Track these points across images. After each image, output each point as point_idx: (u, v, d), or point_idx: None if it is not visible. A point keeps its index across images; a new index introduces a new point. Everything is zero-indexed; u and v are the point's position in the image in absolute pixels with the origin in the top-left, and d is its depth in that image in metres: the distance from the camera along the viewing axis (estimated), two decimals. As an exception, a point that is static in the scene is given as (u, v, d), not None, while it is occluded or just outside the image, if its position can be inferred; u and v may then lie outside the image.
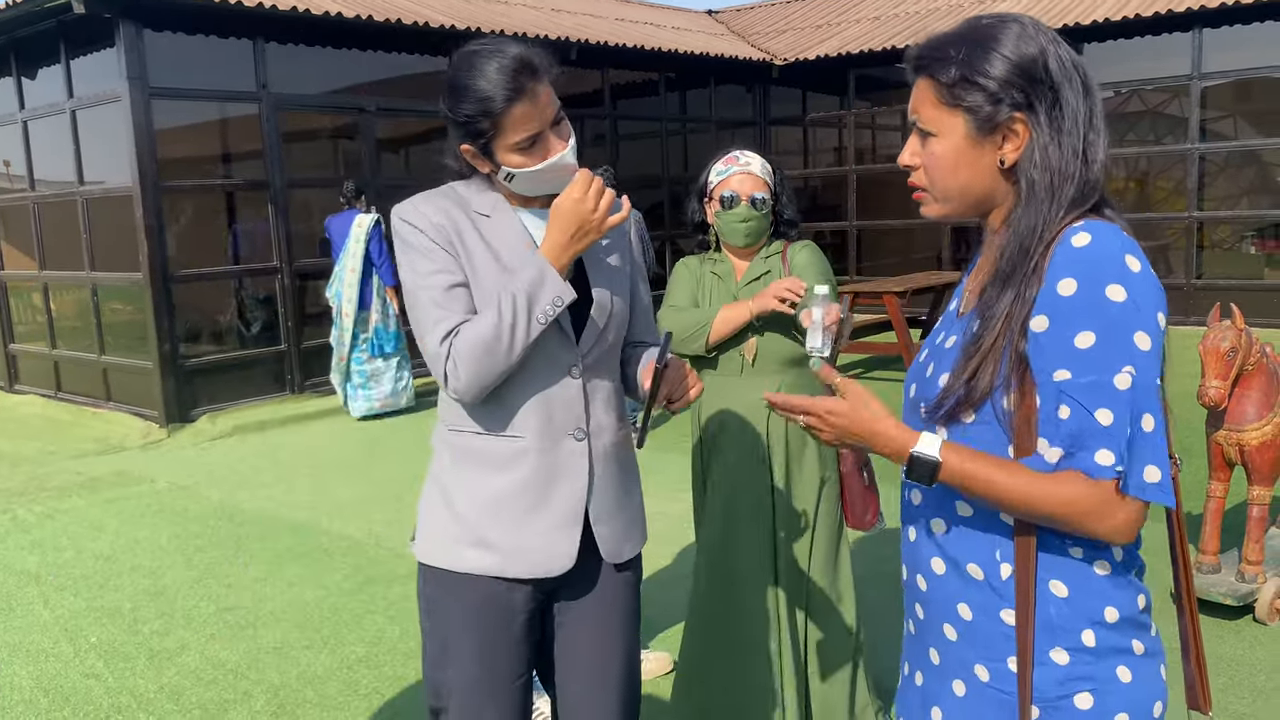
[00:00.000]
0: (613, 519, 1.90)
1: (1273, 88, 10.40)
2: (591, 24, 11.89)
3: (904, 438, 1.31)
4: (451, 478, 1.85)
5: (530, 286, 1.72)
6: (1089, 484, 1.22)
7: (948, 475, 1.28)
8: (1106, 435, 1.21)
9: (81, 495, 6.08)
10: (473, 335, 1.72)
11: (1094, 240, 1.25)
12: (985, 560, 1.34)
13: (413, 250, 1.80)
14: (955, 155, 1.33)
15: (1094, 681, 1.29)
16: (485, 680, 1.84)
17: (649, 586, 4.26)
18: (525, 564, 1.82)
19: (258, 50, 8.29)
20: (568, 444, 1.84)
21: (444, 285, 1.77)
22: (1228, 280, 10.55)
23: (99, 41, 7.85)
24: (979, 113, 1.30)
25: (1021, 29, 1.30)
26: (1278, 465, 3.70)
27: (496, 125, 1.73)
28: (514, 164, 1.76)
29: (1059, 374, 1.23)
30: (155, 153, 7.74)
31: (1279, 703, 3.12)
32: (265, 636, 3.93)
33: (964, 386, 1.29)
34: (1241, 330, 3.56)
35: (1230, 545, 4.03)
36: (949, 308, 1.50)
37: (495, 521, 1.81)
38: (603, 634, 1.92)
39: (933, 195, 1.38)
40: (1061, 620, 1.29)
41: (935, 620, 1.41)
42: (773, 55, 13.07)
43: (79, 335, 9.01)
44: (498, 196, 1.85)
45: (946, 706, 1.39)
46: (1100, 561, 1.31)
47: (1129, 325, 1.21)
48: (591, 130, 11.86)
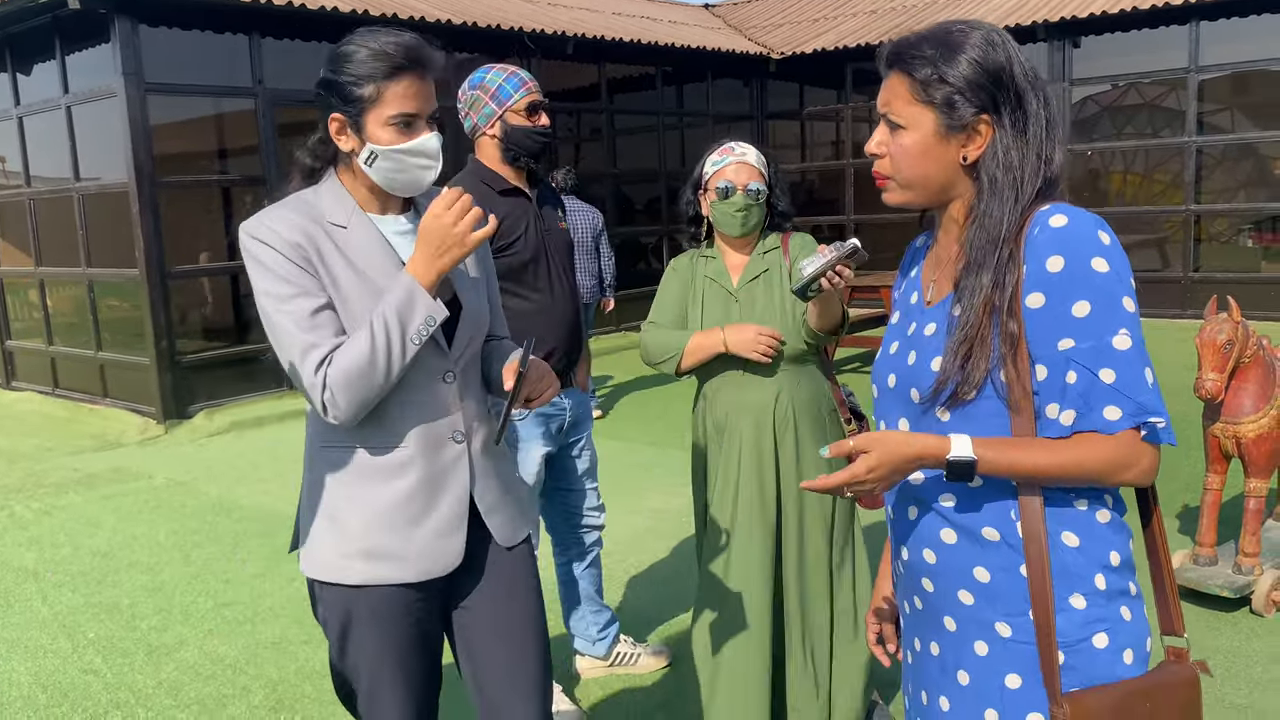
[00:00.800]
0: (502, 508, 1.95)
1: (1270, 80, 10.39)
2: (588, 18, 11.87)
3: (939, 446, 1.36)
4: (333, 493, 1.84)
5: (400, 307, 1.71)
6: (1111, 439, 1.33)
7: (985, 469, 1.36)
8: (1113, 392, 1.32)
9: (79, 491, 6.07)
10: (347, 363, 1.70)
11: (1071, 220, 1.36)
12: (1000, 521, 1.41)
13: (269, 273, 1.72)
14: (922, 148, 1.42)
15: (1106, 622, 1.39)
16: (386, 674, 1.87)
17: (647, 583, 4.26)
18: (417, 568, 1.84)
19: (253, 45, 8.27)
20: (449, 448, 1.85)
21: (308, 310, 1.72)
22: (1225, 273, 10.55)
23: (94, 37, 7.83)
24: (949, 110, 1.40)
25: (988, 37, 1.41)
26: (1274, 457, 3.71)
27: (379, 92, 1.72)
28: (382, 140, 1.74)
29: (1063, 343, 1.34)
30: (151, 148, 7.73)
31: (1276, 694, 3.13)
32: (263, 632, 3.93)
33: (959, 372, 1.38)
34: (1238, 323, 3.56)
35: (1227, 538, 4.04)
36: (908, 300, 1.58)
37: (384, 531, 1.82)
38: (507, 605, 1.96)
39: (896, 183, 1.47)
40: (1076, 568, 1.39)
41: (948, 590, 1.47)
42: (770, 49, 13.05)
43: (76, 331, 9.00)
44: (352, 204, 1.82)
45: (970, 666, 1.45)
46: (1101, 510, 1.42)
47: (1116, 292, 1.34)
48: (588, 124, 11.85)
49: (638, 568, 4.43)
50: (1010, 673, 1.41)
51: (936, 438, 1.38)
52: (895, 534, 1.56)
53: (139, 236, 7.73)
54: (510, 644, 1.97)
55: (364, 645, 1.86)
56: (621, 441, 6.69)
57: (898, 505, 1.54)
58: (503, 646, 1.96)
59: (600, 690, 3.36)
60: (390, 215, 1.87)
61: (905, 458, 1.37)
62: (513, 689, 1.96)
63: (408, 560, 1.83)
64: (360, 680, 1.89)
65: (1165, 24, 10.41)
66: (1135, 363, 1.32)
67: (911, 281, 1.59)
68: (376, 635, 1.85)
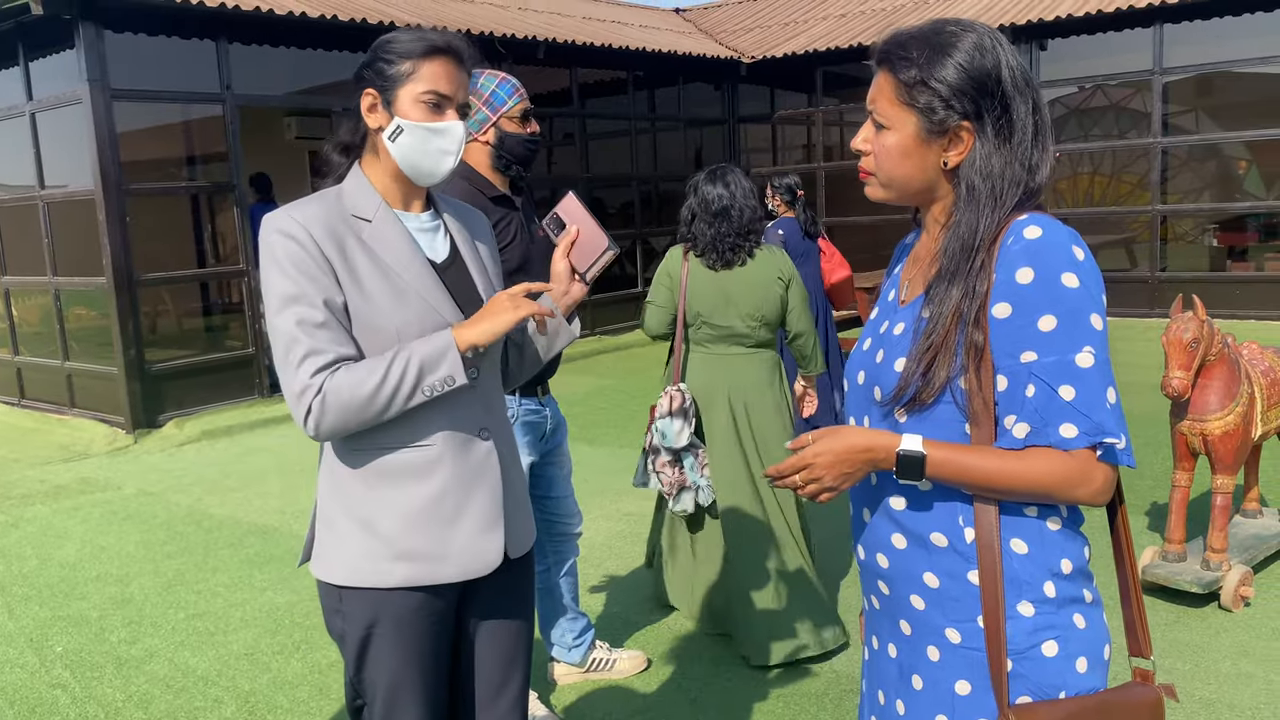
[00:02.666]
0: (516, 513, 1.93)
1: (1233, 82, 10.55)
2: (559, 22, 11.87)
3: (889, 441, 1.38)
4: (362, 496, 1.81)
5: (428, 358, 1.71)
6: (1065, 455, 1.32)
7: (934, 468, 1.36)
8: (1071, 410, 1.31)
9: (46, 503, 5.99)
10: (350, 388, 1.69)
11: (1045, 233, 1.35)
12: (948, 527, 1.41)
13: (280, 269, 1.71)
14: (903, 150, 1.41)
15: (1056, 629, 1.38)
16: (409, 681, 1.85)
17: (621, 587, 4.26)
18: (455, 567, 1.82)
19: (221, 51, 8.20)
20: (477, 445, 1.85)
21: (314, 314, 1.70)
22: (1191, 273, 10.70)
23: (58, 43, 7.73)
24: (930, 115, 1.38)
25: (979, 40, 1.38)
26: (1240, 454, 3.76)
27: (415, 68, 1.75)
28: (411, 116, 1.75)
29: (1025, 355, 1.33)
30: (118, 155, 7.64)
31: (1244, 688, 3.17)
32: (235, 642, 3.89)
33: (920, 379, 1.38)
34: (1204, 321, 3.60)
35: (1195, 534, 4.09)
36: (886, 297, 1.58)
37: (421, 532, 1.80)
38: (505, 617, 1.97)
39: (878, 180, 1.46)
40: (1025, 575, 1.38)
41: (901, 594, 1.47)
42: (741, 53, 13.10)
43: (42, 341, 8.87)
44: (378, 198, 1.82)
45: (923, 672, 1.46)
46: (1052, 518, 1.41)
47: (1084, 308, 1.32)
48: (560, 129, 11.84)
49: (613, 572, 4.43)
50: (960, 679, 1.41)
51: (889, 434, 1.39)
52: (855, 535, 1.57)
53: (106, 245, 7.64)
54: (501, 658, 1.96)
55: (386, 653, 1.83)
56: (595, 446, 6.68)
57: (854, 506, 1.56)
58: (493, 659, 1.96)
59: (575, 694, 3.35)
60: (413, 212, 1.87)
61: (854, 447, 1.38)
62: (494, 704, 1.96)
63: (448, 559, 1.81)
64: (378, 690, 1.85)
65: (1130, 26, 10.54)
66: (1096, 381, 1.31)
67: (893, 279, 1.60)
68: (399, 642, 1.82)
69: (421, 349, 1.72)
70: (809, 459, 1.39)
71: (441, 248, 1.88)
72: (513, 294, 1.76)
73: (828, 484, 1.40)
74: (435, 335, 1.75)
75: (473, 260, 1.92)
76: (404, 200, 1.86)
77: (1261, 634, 3.52)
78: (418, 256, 1.81)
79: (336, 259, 1.74)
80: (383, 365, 1.70)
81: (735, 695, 3.30)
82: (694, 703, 3.26)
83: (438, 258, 1.86)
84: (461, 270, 1.89)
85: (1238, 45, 10.15)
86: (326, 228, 1.74)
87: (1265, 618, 3.64)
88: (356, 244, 1.77)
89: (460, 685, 1.97)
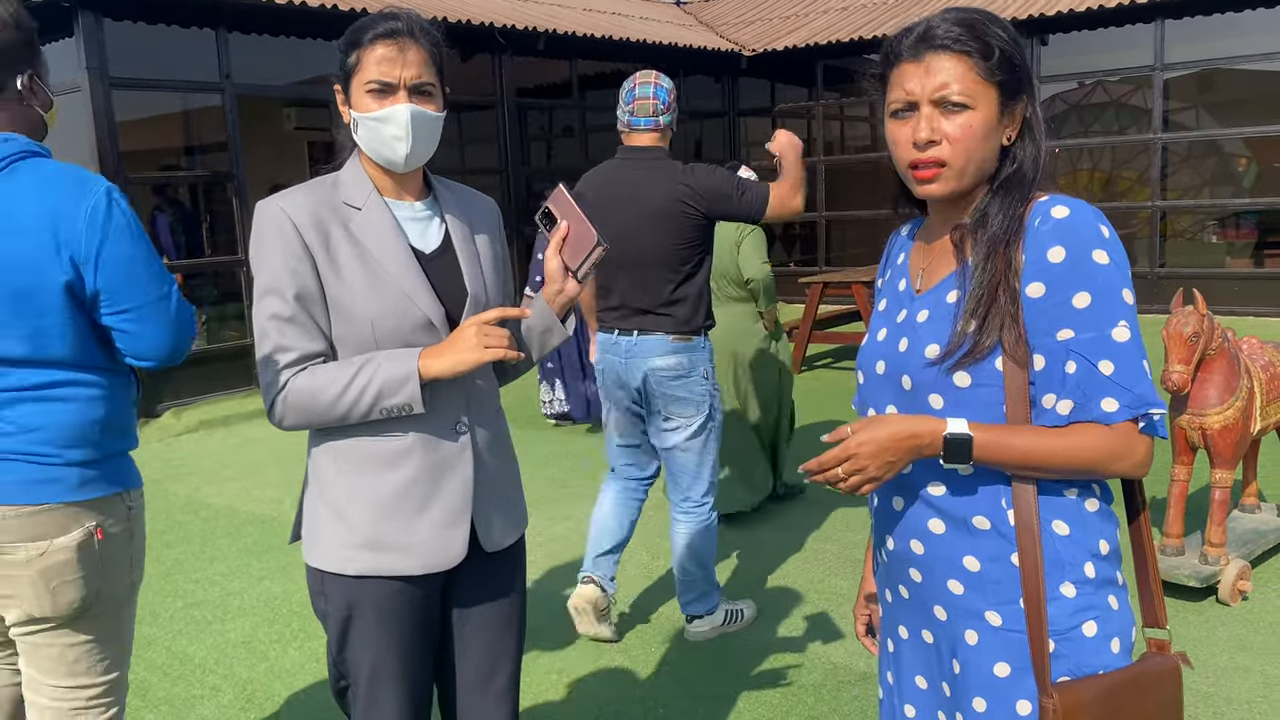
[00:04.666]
0: (494, 509, 1.91)
1: (1233, 79, 10.54)
2: (559, 13, 11.84)
3: (934, 425, 1.36)
4: (335, 482, 1.83)
5: (390, 381, 1.72)
6: (1107, 430, 1.34)
7: (981, 450, 1.35)
8: (1110, 384, 1.33)
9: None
10: (311, 393, 1.73)
11: (1073, 211, 1.37)
12: (991, 510, 1.41)
13: (262, 254, 1.76)
14: (987, 128, 1.40)
15: (1095, 610, 1.40)
16: (390, 666, 1.85)
17: (622, 581, 4.25)
18: (418, 561, 1.82)
19: (220, 40, 8.18)
20: (451, 439, 1.83)
21: (286, 312, 1.74)
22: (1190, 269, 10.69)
23: (57, 31, 7.71)
24: (1007, 89, 1.39)
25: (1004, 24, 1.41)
26: (1239, 449, 3.76)
27: (359, 59, 1.75)
28: (361, 107, 1.76)
29: (1062, 333, 1.35)
30: (117, 144, 7.62)
31: (1241, 681, 3.17)
32: (233, 631, 3.89)
33: (976, 333, 1.37)
34: (1204, 315, 3.60)
35: (1194, 528, 4.09)
36: (895, 287, 1.56)
37: (385, 522, 1.81)
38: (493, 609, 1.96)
39: (952, 170, 1.40)
40: (1067, 556, 1.40)
41: (938, 579, 1.46)
42: (741, 46, 13.08)
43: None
44: (370, 186, 1.82)
45: (963, 656, 1.45)
46: (1090, 499, 1.42)
47: (1117, 285, 1.34)
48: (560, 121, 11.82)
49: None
50: (999, 661, 1.41)
51: (932, 419, 1.37)
52: (880, 525, 1.55)
53: (104, 233, 7.61)
54: (489, 649, 1.96)
55: (366, 639, 1.83)
56: (591, 438, 6.68)
57: (882, 496, 1.53)
58: (483, 651, 1.95)
59: (570, 686, 3.35)
60: (406, 200, 1.86)
61: (898, 434, 1.36)
62: (483, 695, 1.96)
63: (411, 551, 1.81)
64: (360, 675, 1.85)
65: (1131, 22, 10.53)
66: (1133, 355, 1.33)
67: (899, 269, 1.58)
68: (379, 629, 1.83)
69: (386, 370, 1.72)
70: (852, 449, 1.36)
71: (434, 237, 1.87)
72: (482, 325, 1.72)
73: (872, 474, 1.37)
74: (403, 356, 1.73)
75: (466, 250, 1.89)
76: (396, 189, 1.85)
77: (1259, 628, 3.52)
78: (401, 246, 1.80)
79: (318, 247, 1.75)
80: (346, 377, 1.72)
81: (732, 686, 3.30)
82: (691, 693, 3.26)
83: (428, 247, 1.85)
84: (450, 261, 1.86)
85: (1239, 41, 10.14)
86: (311, 215, 1.76)
87: (1263, 612, 3.64)
88: (342, 232, 1.77)
89: (449, 674, 1.97)
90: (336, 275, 1.76)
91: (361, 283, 1.76)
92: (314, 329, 1.76)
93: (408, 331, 1.78)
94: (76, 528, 1.91)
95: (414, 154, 1.78)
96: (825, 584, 4.08)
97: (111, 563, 1.98)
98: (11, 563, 1.88)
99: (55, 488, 1.89)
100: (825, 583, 4.09)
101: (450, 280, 1.84)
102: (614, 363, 3.45)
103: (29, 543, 1.88)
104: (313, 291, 1.75)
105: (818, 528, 4.74)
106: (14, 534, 1.87)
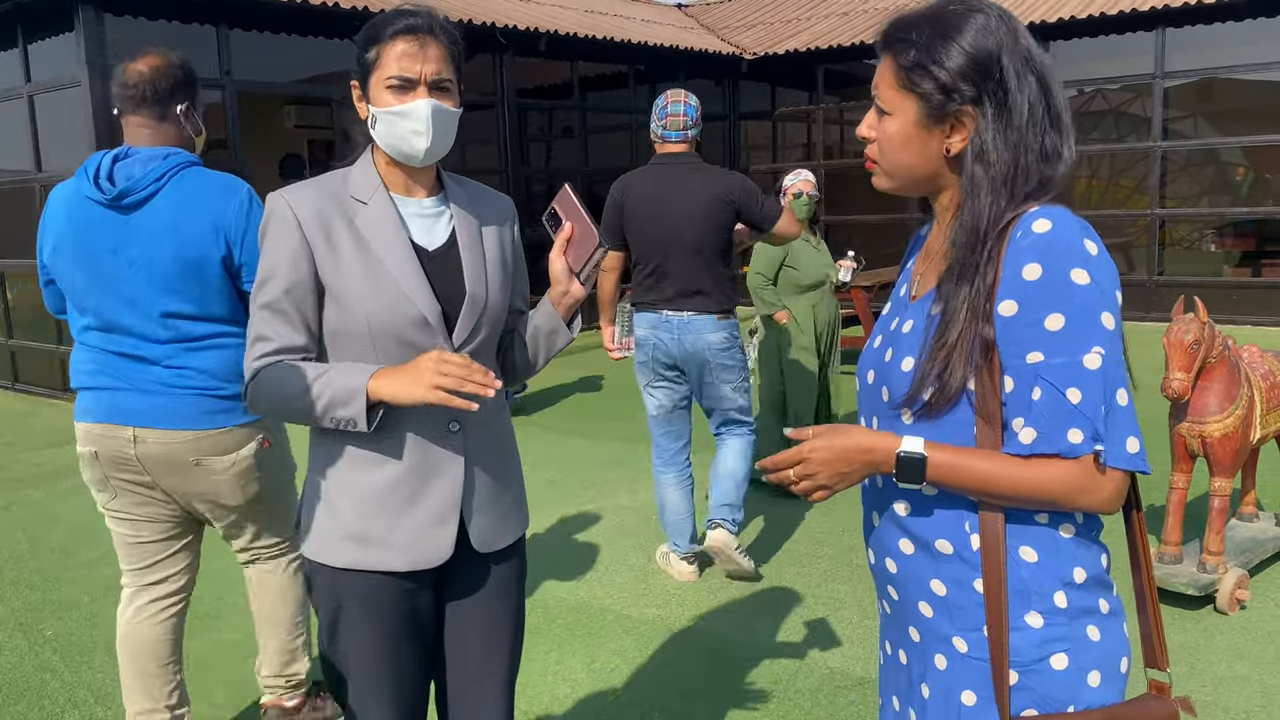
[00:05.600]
0: (488, 510, 1.90)
1: (1233, 88, 10.56)
2: (561, 15, 11.84)
3: (889, 442, 1.33)
4: (328, 476, 1.84)
5: (340, 395, 1.71)
6: (1071, 463, 1.27)
7: (935, 472, 1.30)
8: (1077, 414, 1.25)
9: (38, 487, 5.96)
10: (274, 387, 1.76)
11: (1055, 226, 1.28)
12: (954, 534, 1.36)
13: (264, 243, 1.81)
14: (904, 137, 1.36)
15: (1068, 642, 1.33)
16: (376, 662, 1.85)
17: (616, 580, 4.24)
18: (404, 558, 1.82)
19: (221, 36, 8.17)
20: (443, 437, 1.82)
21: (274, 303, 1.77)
22: (1189, 277, 10.71)
23: (57, 25, 7.69)
24: (930, 100, 1.32)
25: (986, 20, 1.31)
26: (1239, 457, 3.75)
27: (379, 54, 1.76)
28: (380, 102, 1.76)
29: (1031, 356, 1.27)
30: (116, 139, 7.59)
31: (1239, 690, 3.17)
32: (227, 629, 3.87)
33: (937, 381, 1.31)
34: (1205, 323, 3.60)
35: (1192, 536, 4.08)
36: (898, 292, 1.52)
37: (373, 517, 1.81)
38: (489, 608, 1.94)
39: (881, 168, 1.41)
40: (1034, 584, 1.33)
41: (910, 600, 1.43)
42: (742, 49, 13.09)
43: (37, 326, 8.83)
44: (378, 181, 1.83)
45: (931, 680, 1.41)
46: (1065, 525, 1.35)
47: (1095, 307, 1.26)
48: (561, 122, 11.83)
49: (608, 566, 4.41)
50: (966, 689, 1.36)
51: (892, 435, 1.33)
52: (865, 536, 1.53)
53: (102, 229, 7.59)
54: (486, 649, 1.95)
55: (354, 631, 1.83)
56: (590, 439, 6.67)
57: (865, 510, 1.51)
58: (477, 650, 1.94)
59: (567, 686, 3.34)
60: (415, 197, 1.86)
61: (855, 447, 1.33)
62: (481, 695, 1.95)
63: (395, 548, 1.81)
64: (350, 667, 1.86)
65: (1132, 30, 10.54)
66: (1105, 384, 1.25)
67: (906, 273, 1.54)
68: (366, 621, 1.83)
69: (339, 382, 1.72)
70: (805, 454, 1.33)
71: (440, 234, 1.86)
72: (442, 359, 1.65)
73: (821, 481, 1.34)
74: (358, 372, 1.72)
75: (472, 248, 1.88)
76: (405, 185, 1.85)
77: (1256, 637, 3.51)
78: (402, 242, 1.80)
79: (319, 240, 1.77)
80: (307, 379, 1.74)
81: (729, 690, 3.29)
82: (687, 696, 3.25)
83: (433, 244, 1.85)
84: (453, 259, 1.85)
85: (1239, 51, 10.15)
86: (314, 208, 1.78)
87: (1260, 621, 3.63)
88: (346, 226, 1.78)
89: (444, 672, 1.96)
90: (336, 268, 1.77)
91: (360, 277, 1.76)
92: (299, 323, 1.78)
93: (403, 327, 1.78)
94: (251, 441, 2.67)
95: (433, 148, 1.79)
96: (822, 589, 4.06)
97: (278, 461, 2.80)
98: (213, 469, 2.63)
99: (231, 414, 2.62)
100: (822, 587, 4.08)
101: (451, 278, 1.84)
102: (664, 338, 3.96)
103: (224, 455, 2.63)
104: (306, 285, 1.77)
105: (814, 532, 4.73)
106: (212, 450, 2.61)
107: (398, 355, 1.78)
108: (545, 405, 7.83)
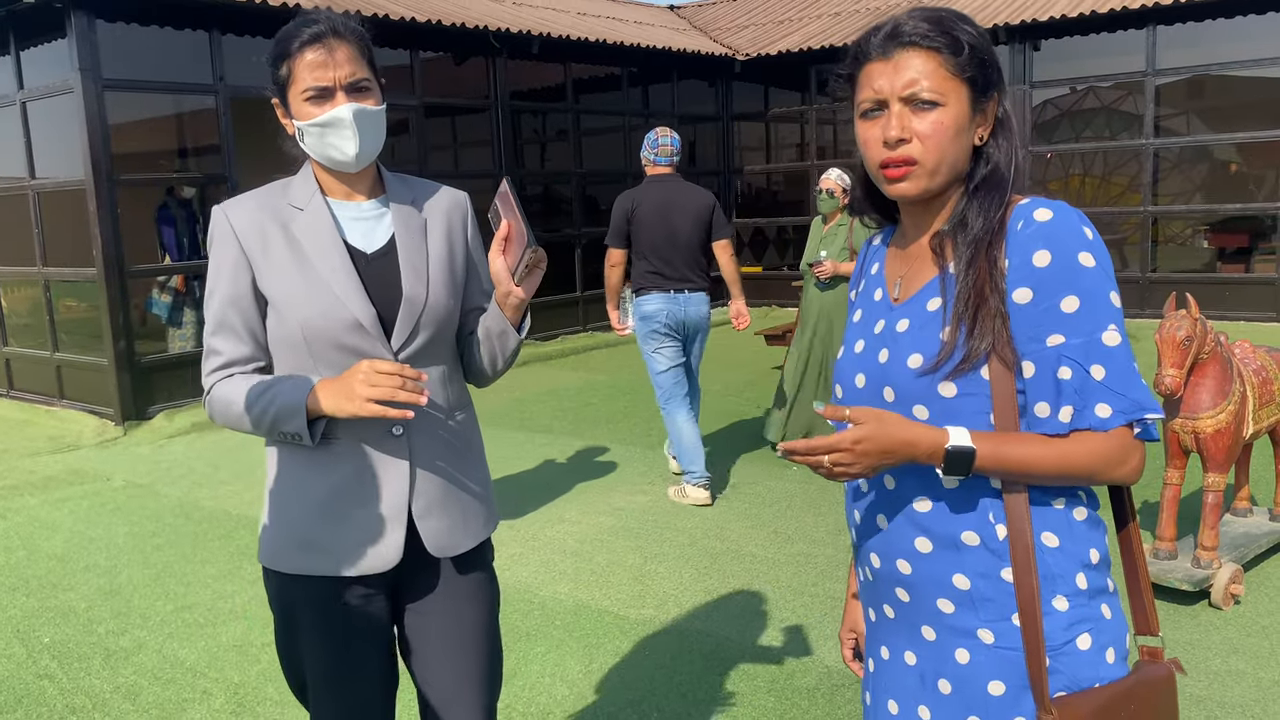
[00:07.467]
0: (441, 513, 1.86)
1: (1224, 85, 10.59)
2: (553, 17, 11.84)
3: (937, 436, 1.32)
4: (280, 482, 1.85)
5: (284, 409, 1.74)
6: (1105, 436, 1.32)
7: (983, 461, 1.31)
8: (1103, 389, 1.31)
9: (34, 494, 5.96)
10: (224, 403, 1.80)
11: (1057, 214, 1.34)
12: (980, 525, 1.38)
13: (212, 256, 1.84)
14: (959, 126, 1.36)
15: (1090, 622, 1.37)
16: (328, 667, 1.85)
17: (615, 581, 4.25)
18: (348, 562, 1.81)
19: (214, 41, 8.16)
20: (385, 441, 1.81)
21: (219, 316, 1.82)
22: (1181, 274, 10.74)
23: (50, 32, 7.68)
24: (976, 85, 1.37)
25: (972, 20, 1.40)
26: (1232, 452, 3.77)
27: (291, 69, 1.76)
28: (303, 115, 1.77)
29: (1053, 339, 1.32)
30: (109, 146, 7.60)
31: (1234, 685, 3.18)
32: (225, 634, 3.88)
33: (963, 346, 1.34)
34: (1197, 319, 3.61)
35: (1186, 532, 4.10)
36: (873, 297, 1.53)
37: (317, 522, 1.81)
38: (457, 612, 1.91)
39: (924, 168, 1.37)
40: (1058, 568, 1.37)
41: (926, 599, 1.42)
42: (735, 50, 13.10)
43: (31, 332, 8.82)
44: (314, 188, 1.83)
45: (951, 675, 1.41)
46: (1078, 507, 1.39)
47: (1104, 287, 1.32)
48: (554, 125, 11.83)
49: (604, 567, 4.42)
50: (993, 680, 1.37)
51: (932, 428, 1.33)
52: (864, 544, 1.50)
53: (97, 235, 7.59)
54: (460, 653, 1.91)
55: (306, 634, 1.84)
56: (586, 441, 6.67)
57: (865, 515, 1.49)
58: (451, 655, 1.91)
59: (566, 687, 3.34)
60: (354, 201, 1.86)
61: (900, 439, 1.31)
62: (458, 700, 1.92)
63: (337, 554, 1.81)
64: (305, 672, 1.88)
65: (1123, 28, 10.57)
66: (1124, 359, 1.31)
67: (874, 279, 1.55)
68: (314, 627, 1.83)
69: (280, 399, 1.74)
70: (846, 444, 1.30)
71: (380, 237, 1.85)
72: (373, 371, 1.65)
73: (856, 472, 1.32)
74: (298, 387, 1.73)
75: (412, 248, 1.84)
76: (345, 190, 1.86)
77: (1251, 631, 3.53)
78: (336, 246, 1.79)
79: (256, 250, 1.79)
80: (253, 394, 1.77)
81: (726, 689, 3.29)
82: (685, 696, 3.26)
83: (371, 247, 1.83)
84: (390, 261, 1.83)
85: (1230, 48, 10.18)
86: (252, 219, 1.81)
87: (1255, 615, 3.65)
88: (282, 235, 1.80)
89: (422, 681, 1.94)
90: (272, 276, 1.79)
91: (295, 283, 1.77)
92: (244, 334, 1.82)
93: (338, 332, 1.77)
94: None
95: (363, 151, 1.78)
96: (819, 588, 4.08)
97: None
98: None
99: None
100: (819, 586, 4.09)
101: (389, 280, 1.81)
102: (675, 310, 5.23)
103: None
104: (245, 296, 1.80)
105: (811, 532, 4.74)
106: None
107: (338, 361, 1.77)
108: (542, 406, 7.84)
